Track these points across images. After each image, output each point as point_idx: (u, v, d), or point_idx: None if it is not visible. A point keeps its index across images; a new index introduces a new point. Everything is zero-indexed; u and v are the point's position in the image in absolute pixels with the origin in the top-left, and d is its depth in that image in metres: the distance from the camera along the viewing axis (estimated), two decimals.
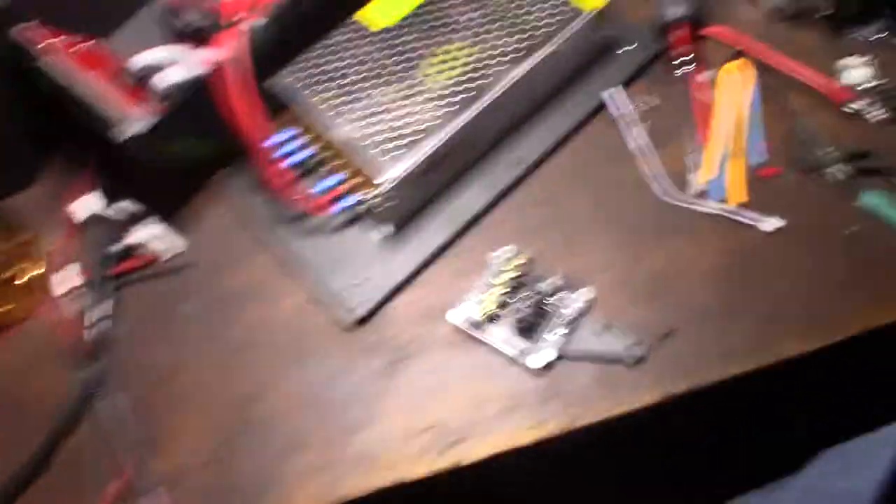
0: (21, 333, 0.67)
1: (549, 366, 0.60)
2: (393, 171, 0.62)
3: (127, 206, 0.72)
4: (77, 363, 0.64)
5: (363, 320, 0.64)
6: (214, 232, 0.70)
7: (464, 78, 0.66)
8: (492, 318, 0.62)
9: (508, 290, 0.63)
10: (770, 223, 0.65)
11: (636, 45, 0.73)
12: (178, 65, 0.70)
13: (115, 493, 0.59)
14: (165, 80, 0.69)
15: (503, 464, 0.59)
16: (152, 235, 0.71)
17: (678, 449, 0.84)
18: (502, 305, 0.62)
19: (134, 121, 0.64)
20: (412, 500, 0.60)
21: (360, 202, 0.66)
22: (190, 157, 0.70)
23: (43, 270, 0.70)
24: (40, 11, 0.70)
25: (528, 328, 0.61)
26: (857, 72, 0.70)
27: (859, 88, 0.69)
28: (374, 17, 0.70)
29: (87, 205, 0.73)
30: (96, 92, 0.66)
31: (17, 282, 0.70)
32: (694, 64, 0.72)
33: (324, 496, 0.58)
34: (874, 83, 0.69)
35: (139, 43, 0.77)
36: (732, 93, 0.72)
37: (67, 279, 0.69)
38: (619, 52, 0.73)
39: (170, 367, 0.64)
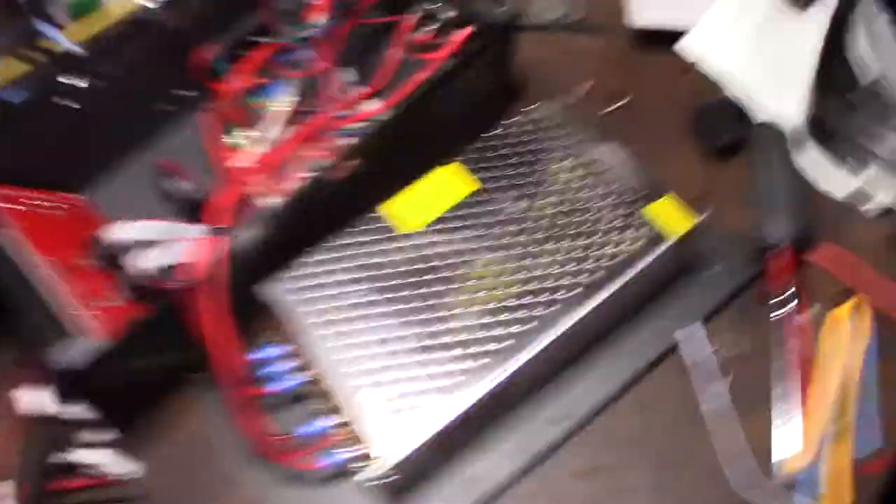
0: None
1: None
2: (397, 446, 0.48)
3: (80, 410, 0.58)
4: None
5: None
6: (177, 458, 0.57)
7: (504, 316, 0.51)
8: None
9: None
10: None
11: (724, 267, 0.58)
12: (156, 248, 0.57)
13: None
14: (139, 263, 0.56)
15: None
16: (103, 455, 0.58)
17: None
18: None
19: (80, 345, 0.51)
20: None
21: (351, 462, 0.52)
22: (153, 370, 0.57)
23: None
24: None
25: None
26: None
27: None
28: (402, 213, 0.56)
29: (35, 399, 0.60)
30: (51, 287, 0.53)
31: None
32: (794, 301, 0.57)
33: None
34: None
35: (125, 202, 0.65)
36: (841, 345, 0.56)
37: None
38: (703, 273, 0.58)
39: None
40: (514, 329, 0.50)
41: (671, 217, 0.54)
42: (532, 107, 0.59)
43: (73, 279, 0.56)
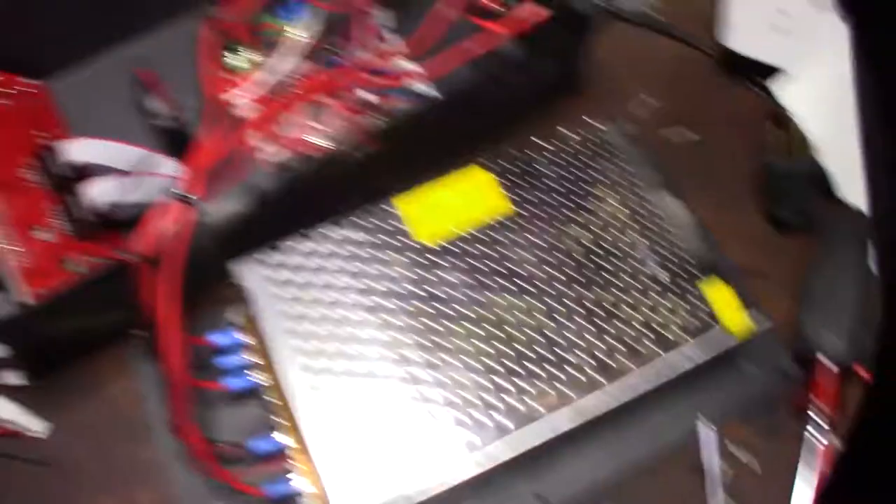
0: None
1: None
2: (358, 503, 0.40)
3: None
4: None
5: None
6: (93, 430, 0.48)
7: (517, 379, 0.43)
8: None
9: None
10: None
11: (762, 364, 0.51)
12: (117, 179, 0.47)
13: None
14: (95, 194, 0.46)
15: None
16: (5, 403, 0.48)
17: None
18: None
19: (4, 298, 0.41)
20: None
21: (300, 499, 0.44)
22: (87, 327, 0.47)
23: None
24: None
25: None
26: None
27: None
28: (419, 216, 0.46)
29: None
30: None
31: None
32: (834, 424, 0.50)
33: None
34: None
35: (88, 104, 0.53)
36: None
37: None
38: (737, 363, 0.50)
39: None
40: (527, 398, 0.42)
41: (726, 303, 0.45)
42: (592, 127, 0.49)
43: (10, 196, 0.45)
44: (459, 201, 0.47)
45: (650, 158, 0.49)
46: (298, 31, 0.54)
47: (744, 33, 0.57)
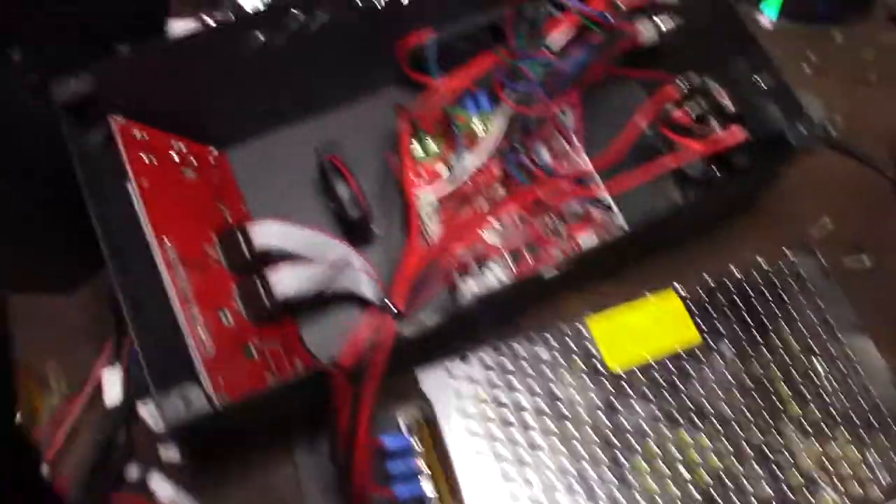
0: None
1: None
2: None
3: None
4: None
5: None
6: None
7: None
8: None
9: None
10: None
11: None
12: (299, 266, 0.46)
13: None
14: (284, 282, 0.45)
15: None
16: (162, 483, 0.48)
17: None
18: None
19: (194, 393, 0.40)
20: None
21: None
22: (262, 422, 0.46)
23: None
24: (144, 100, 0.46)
25: None
26: None
27: None
28: (609, 340, 0.45)
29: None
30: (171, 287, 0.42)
31: None
32: None
33: None
34: None
35: (260, 175, 0.53)
36: None
37: None
38: None
39: None
40: None
41: None
42: (783, 256, 0.48)
43: (199, 275, 0.45)
44: (650, 326, 0.45)
45: (840, 292, 0.48)
46: (486, 125, 0.53)
47: None
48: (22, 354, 0.51)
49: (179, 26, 0.59)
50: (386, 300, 0.40)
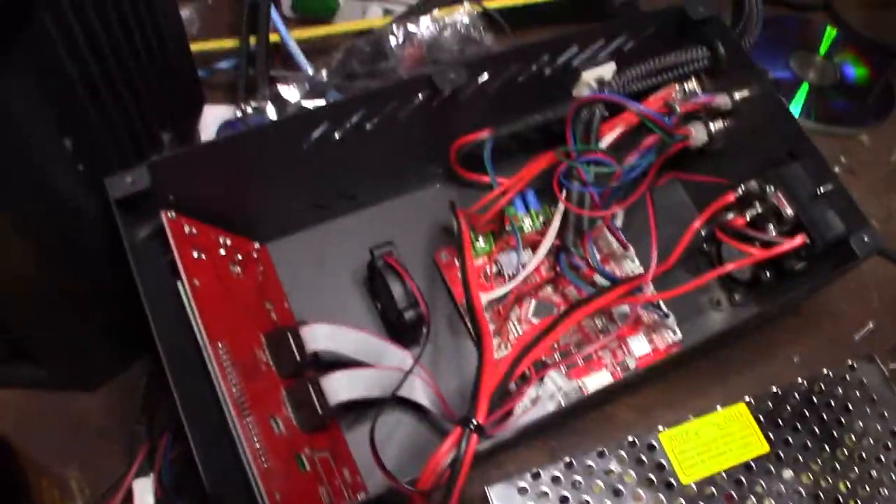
0: None
1: None
2: None
3: None
4: None
5: None
6: None
7: None
8: None
9: None
10: None
11: None
12: (357, 374, 0.44)
13: None
14: (339, 391, 0.43)
15: None
16: None
17: None
18: None
19: None
20: None
21: None
22: None
23: None
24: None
25: None
26: None
27: None
28: (681, 453, 0.43)
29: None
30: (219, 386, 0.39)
31: None
32: None
33: None
34: None
35: (299, 271, 0.51)
36: None
37: None
38: None
39: None
40: None
41: None
42: (849, 365, 0.47)
43: (252, 381, 0.42)
44: (720, 439, 0.44)
45: None
46: (534, 224, 0.52)
47: None
48: (41, 457, 0.48)
49: (214, 114, 0.57)
50: (471, 417, 0.38)
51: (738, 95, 0.51)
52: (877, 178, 0.64)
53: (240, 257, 0.49)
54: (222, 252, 0.47)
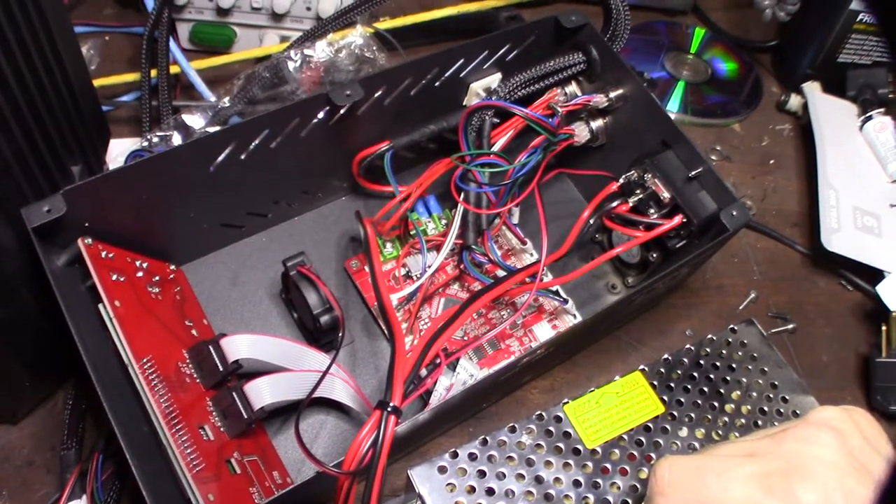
0: None
1: None
2: None
3: None
4: None
5: None
6: None
7: None
8: None
9: None
10: None
11: None
12: (277, 378, 0.46)
13: None
14: (262, 396, 0.45)
15: None
16: None
17: None
18: None
19: None
20: None
21: None
22: None
23: None
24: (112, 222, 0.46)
25: None
26: None
27: None
28: (585, 421, 0.47)
29: None
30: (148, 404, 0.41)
31: None
32: None
33: None
34: None
35: (214, 287, 0.53)
36: None
37: None
38: None
39: None
40: None
41: None
42: (730, 329, 0.52)
43: (177, 393, 0.45)
44: (619, 405, 0.48)
45: (780, 357, 0.52)
46: (437, 227, 0.56)
47: (837, 235, 0.62)
48: None
49: (121, 146, 0.59)
50: (387, 401, 0.41)
51: (613, 94, 0.56)
52: (751, 163, 0.70)
53: (157, 279, 0.51)
54: (140, 275, 0.49)
